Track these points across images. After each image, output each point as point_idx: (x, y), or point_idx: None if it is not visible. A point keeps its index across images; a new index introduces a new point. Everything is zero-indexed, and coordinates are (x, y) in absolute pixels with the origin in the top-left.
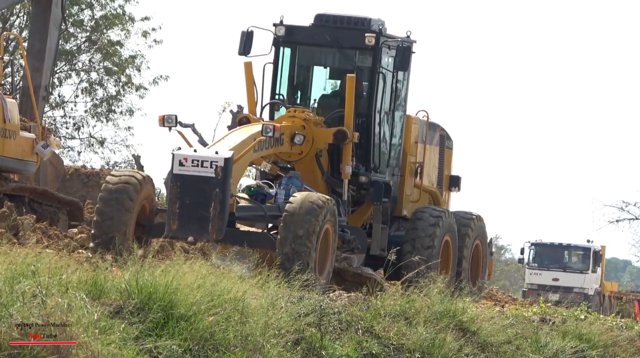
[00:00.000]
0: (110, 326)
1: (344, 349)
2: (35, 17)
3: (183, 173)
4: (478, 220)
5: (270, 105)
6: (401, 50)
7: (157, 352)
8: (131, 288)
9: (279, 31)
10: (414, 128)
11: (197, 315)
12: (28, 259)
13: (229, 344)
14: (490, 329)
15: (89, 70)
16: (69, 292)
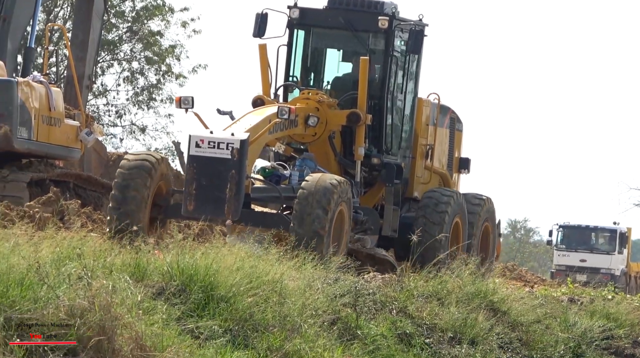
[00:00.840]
0: (153, 307)
1: (379, 329)
2: (78, 9)
3: (199, 154)
4: (487, 202)
5: (284, 87)
6: (414, 33)
7: (199, 332)
8: (173, 271)
9: (293, 13)
10: (425, 110)
11: (237, 296)
12: (73, 242)
13: (268, 324)
14: (520, 309)
15: (131, 59)
16: (113, 274)
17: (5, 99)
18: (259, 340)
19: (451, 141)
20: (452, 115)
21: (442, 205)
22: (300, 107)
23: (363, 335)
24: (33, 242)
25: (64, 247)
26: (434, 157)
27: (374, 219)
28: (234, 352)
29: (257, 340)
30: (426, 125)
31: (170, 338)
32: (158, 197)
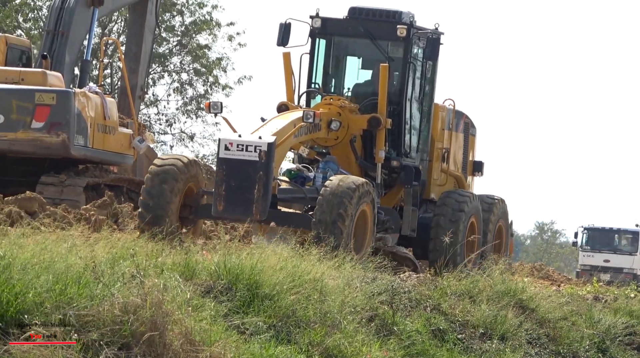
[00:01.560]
0: (202, 304)
1: (414, 325)
2: (131, 24)
3: (229, 157)
4: (501, 202)
5: (307, 93)
6: (431, 41)
7: (244, 327)
8: (220, 270)
9: (315, 23)
10: (441, 116)
11: (280, 294)
12: (127, 243)
13: (309, 321)
14: (547, 306)
15: (180, 71)
16: (164, 273)
17: (63, 109)
18: (301, 335)
19: (465, 145)
20: (466, 120)
21: (459, 206)
22: (323, 112)
23: (399, 331)
24: (89, 243)
25: (118, 248)
26: (449, 160)
27: (394, 219)
28: (278, 347)
29: (300, 336)
30: (442, 129)
31: (218, 333)
32: (188, 198)
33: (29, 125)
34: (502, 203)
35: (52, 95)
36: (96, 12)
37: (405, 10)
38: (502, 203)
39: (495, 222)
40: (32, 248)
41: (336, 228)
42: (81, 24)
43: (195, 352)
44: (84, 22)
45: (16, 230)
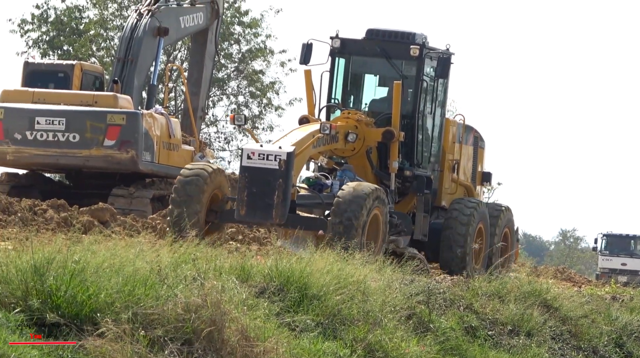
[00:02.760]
0: (256, 304)
1: (449, 323)
2: (193, 51)
3: (251, 165)
4: (507, 210)
5: (327, 108)
6: (442, 60)
7: (295, 325)
8: (273, 273)
9: (334, 43)
10: (452, 129)
11: (327, 295)
12: (189, 249)
13: (353, 319)
14: (569, 306)
15: (237, 94)
16: (222, 276)
17: (132, 128)
18: (346, 332)
19: (475, 157)
20: (475, 134)
21: (467, 215)
22: (340, 124)
23: (435, 328)
24: (155, 249)
25: (181, 253)
26: (459, 170)
27: (406, 223)
28: (325, 342)
29: (344, 332)
30: (453, 142)
31: (271, 330)
32: (214, 204)
33: (101, 143)
34: (508, 212)
35: (122, 116)
36: (162, 42)
37: (418, 32)
38: (508, 211)
39: (501, 229)
40: (104, 254)
41: (351, 229)
42: (148, 52)
43: (251, 347)
44: (151, 50)
45: (90, 238)
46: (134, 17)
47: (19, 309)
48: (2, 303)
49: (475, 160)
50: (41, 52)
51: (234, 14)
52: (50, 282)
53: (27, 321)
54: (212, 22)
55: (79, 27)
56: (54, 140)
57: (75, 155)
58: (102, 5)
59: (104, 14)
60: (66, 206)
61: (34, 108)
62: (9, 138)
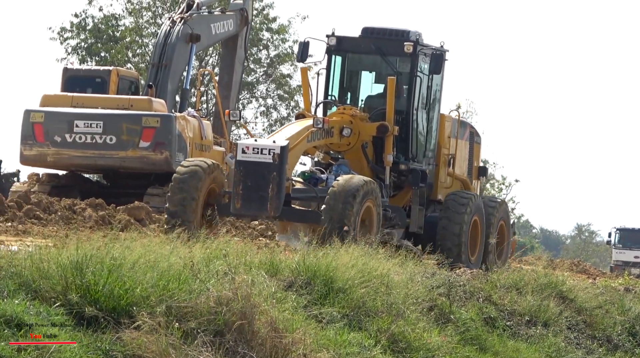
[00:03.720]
0: (285, 297)
1: (468, 314)
2: (224, 56)
3: (245, 159)
4: (502, 203)
5: (324, 104)
6: (435, 56)
7: (321, 317)
8: (300, 268)
9: (330, 41)
10: (447, 125)
11: (352, 288)
12: (220, 245)
13: (377, 311)
14: (584, 297)
15: (266, 97)
16: (252, 271)
17: (166, 130)
18: (370, 323)
19: (471, 152)
20: (471, 130)
21: (462, 206)
22: (335, 119)
23: (455, 319)
24: (188, 245)
25: (213, 249)
26: (455, 165)
27: (401, 216)
28: (350, 333)
29: (369, 323)
30: (448, 137)
31: (299, 322)
32: (211, 198)
33: (137, 145)
34: (504, 205)
35: (156, 119)
36: (194, 48)
37: (412, 30)
38: (504, 204)
39: (497, 221)
40: (139, 250)
41: (341, 223)
42: (181, 58)
43: (279, 338)
44: (183, 56)
45: (126, 235)
46: (167, 24)
47: (59, 303)
48: (43, 297)
49: (471, 155)
50: (79, 59)
51: (262, 21)
52: (89, 277)
53: (67, 315)
54: (242, 29)
55: (116, 34)
56: (92, 143)
57: (112, 157)
58: (137, 14)
59: (139, 21)
60: (104, 205)
61: (73, 112)
62: (49, 140)
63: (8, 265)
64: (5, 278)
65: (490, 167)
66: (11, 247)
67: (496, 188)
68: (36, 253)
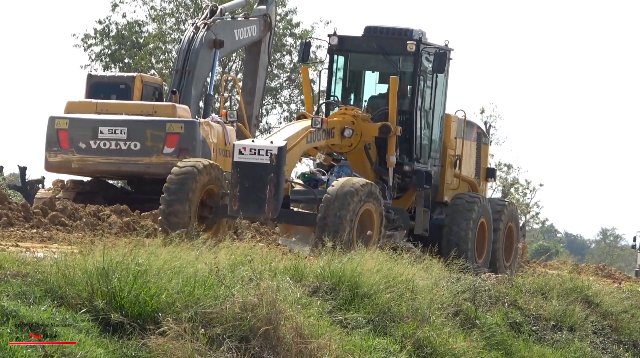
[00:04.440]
0: (310, 302)
1: (494, 318)
2: (247, 62)
3: (242, 160)
4: (510, 205)
5: (326, 105)
6: (438, 55)
7: (347, 322)
8: (325, 273)
9: (332, 41)
10: (453, 125)
11: (377, 293)
12: (245, 251)
13: (402, 316)
14: (610, 301)
15: (289, 102)
16: (277, 276)
17: (190, 136)
18: (396, 328)
19: (478, 153)
20: (478, 131)
21: (468, 209)
22: (336, 120)
23: (481, 324)
24: (213, 251)
25: (238, 255)
26: (461, 166)
27: (404, 218)
28: (376, 339)
29: (394, 329)
30: (454, 138)
31: (324, 327)
32: (209, 199)
33: (161, 151)
34: (512, 206)
35: (180, 125)
36: (217, 53)
37: (416, 28)
38: (512, 206)
39: (505, 224)
40: (165, 256)
41: (339, 224)
42: (205, 64)
43: (305, 344)
44: (207, 62)
45: (152, 241)
46: (191, 30)
47: (85, 310)
48: (69, 304)
49: (478, 156)
50: (103, 65)
51: (285, 26)
52: (114, 283)
53: (93, 321)
54: (265, 34)
55: (139, 40)
56: (116, 149)
57: (136, 163)
58: (161, 20)
59: (163, 28)
60: (128, 211)
61: (97, 118)
62: (74, 147)
63: (34, 271)
64: (31, 285)
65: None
66: (37, 253)
67: (520, 193)
68: (62, 259)
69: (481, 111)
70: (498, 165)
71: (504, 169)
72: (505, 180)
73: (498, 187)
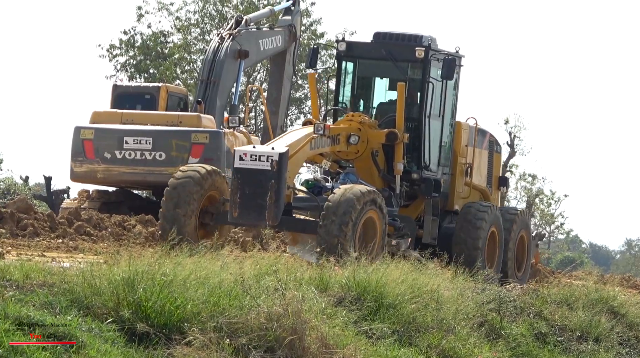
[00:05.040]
0: (335, 313)
1: (519, 329)
2: (272, 73)
3: (243, 166)
4: (522, 214)
5: (334, 111)
6: (447, 62)
7: (372, 332)
8: (350, 283)
9: (340, 46)
10: (464, 133)
11: (402, 303)
12: (270, 261)
13: (428, 326)
14: (636, 312)
15: None
16: (302, 286)
17: (215, 146)
18: (421, 339)
19: (490, 161)
20: (490, 139)
21: (479, 218)
22: (343, 127)
23: (506, 335)
24: (238, 261)
25: (263, 265)
26: (472, 174)
27: (410, 226)
28: (401, 349)
29: (419, 339)
30: (465, 146)
31: (349, 337)
32: (211, 206)
33: (186, 161)
34: (524, 215)
35: (205, 135)
36: (242, 64)
37: (426, 35)
38: (524, 215)
39: (517, 233)
40: (190, 267)
41: (340, 232)
42: (230, 74)
43: (330, 354)
44: (232, 72)
45: (177, 251)
46: (216, 40)
47: (111, 319)
48: (95, 313)
49: (490, 165)
50: (128, 76)
51: (310, 36)
52: (140, 293)
53: (119, 331)
54: (290, 45)
55: (164, 51)
56: (141, 159)
57: (161, 173)
58: (186, 30)
59: (188, 38)
60: (153, 221)
61: (123, 128)
62: (99, 157)
63: (60, 281)
64: (57, 295)
65: (539, 182)
66: (63, 263)
67: (545, 203)
68: (88, 269)
69: (505, 121)
70: (522, 176)
71: (528, 180)
72: (529, 191)
73: (523, 198)
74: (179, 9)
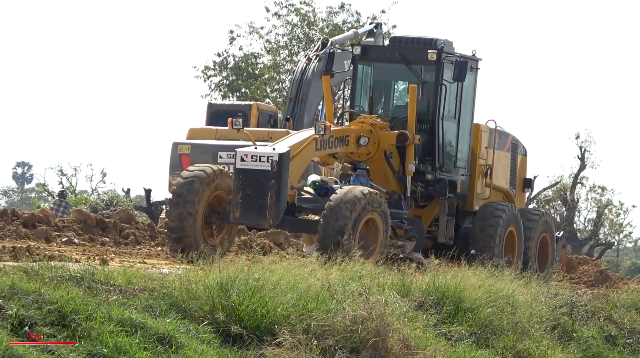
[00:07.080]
0: (416, 316)
1: (590, 332)
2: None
3: (244, 167)
4: (544, 215)
5: (350, 114)
6: (458, 64)
7: (451, 334)
8: (430, 288)
9: (355, 50)
10: (483, 135)
11: (479, 307)
12: (355, 267)
13: (503, 329)
14: None
15: None
16: (385, 291)
17: None
18: (497, 341)
19: (513, 163)
20: (513, 141)
21: (495, 217)
22: (353, 128)
23: (578, 337)
24: (325, 268)
25: (348, 271)
26: (492, 175)
27: (417, 228)
28: (478, 350)
29: (496, 341)
30: (485, 148)
31: (429, 339)
32: (217, 205)
33: None
34: (546, 216)
35: None
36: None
37: (441, 38)
38: (546, 216)
39: (538, 233)
40: (280, 272)
41: (339, 232)
42: (317, 92)
43: (412, 355)
44: (318, 91)
45: (268, 258)
46: (303, 61)
47: (206, 322)
48: (192, 316)
49: (514, 166)
50: (222, 95)
51: None
52: (234, 298)
53: (214, 332)
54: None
55: (255, 71)
56: None
57: None
58: (275, 52)
59: (277, 59)
60: (245, 230)
61: (217, 144)
62: None
63: (160, 286)
64: (157, 299)
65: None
66: (162, 270)
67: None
68: (185, 275)
69: (576, 136)
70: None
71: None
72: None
73: (593, 208)
74: (269, 32)
